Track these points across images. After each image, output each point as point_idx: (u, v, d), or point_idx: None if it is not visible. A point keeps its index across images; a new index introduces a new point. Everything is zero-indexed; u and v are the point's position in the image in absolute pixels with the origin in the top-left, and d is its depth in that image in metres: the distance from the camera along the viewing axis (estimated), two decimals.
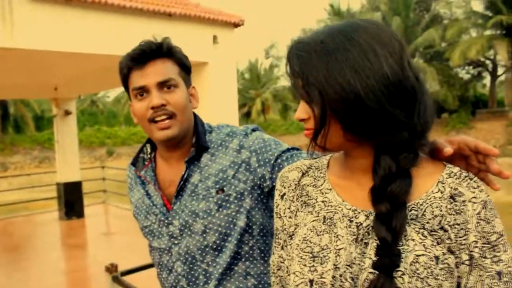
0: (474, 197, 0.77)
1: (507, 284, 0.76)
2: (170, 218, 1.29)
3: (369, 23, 0.80)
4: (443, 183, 0.79)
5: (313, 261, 0.82)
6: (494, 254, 0.77)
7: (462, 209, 0.77)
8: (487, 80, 33.06)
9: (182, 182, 1.28)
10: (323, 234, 0.84)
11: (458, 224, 0.77)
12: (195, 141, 1.30)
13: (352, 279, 0.79)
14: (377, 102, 0.75)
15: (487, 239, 0.77)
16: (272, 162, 1.24)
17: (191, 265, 1.28)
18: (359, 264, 0.79)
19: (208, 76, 6.41)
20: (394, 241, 0.75)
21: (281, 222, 0.95)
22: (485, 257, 0.77)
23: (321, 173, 0.93)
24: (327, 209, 0.86)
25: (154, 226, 1.33)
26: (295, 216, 0.92)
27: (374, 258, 0.77)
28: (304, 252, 0.85)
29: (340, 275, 0.79)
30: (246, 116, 38.49)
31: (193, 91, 1.33)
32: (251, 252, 1.27)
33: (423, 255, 0.75)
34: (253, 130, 1.34)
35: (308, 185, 0.92)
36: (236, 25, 6.55)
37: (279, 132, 33.27)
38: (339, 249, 0.81)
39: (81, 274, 5.88)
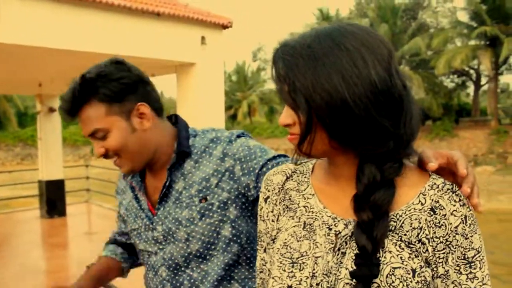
0: (455, 211, 0.76)
1: None
2: (154, 224, 1.29)
3: (357, 28, 0.78)
4: (424, 195, 0.78)
5: (292, 267, 0.82)
6: (470, 271, 0.76)
7: (443, 222, 0.76)
8: (471, 89, 33.63)
9: (164, 190, 1.27)
10: (303, 240, 0.84)
11: (437, 237, 0.76)
12: (176, 146, 1.27)
13: None
14: (365, 110, 0.73)
15: (464, 254, 0.76)
16: (257, 171, 1.21)
17: (175, 271, 1.28)
18: (335, 273, 0.78)
19: (195, 77, 6.39)
20: (374, 250, 0.75)
21: (264, 225, 0.95)
22: (461, 273, 0.76)
23: (305, 177, 0.92)
24: (308, 215, 0.86)
25: (141, 229, 1.33)
26: (277, 220, 0.92)
27: (351, 268, 0.76)
28: (284, 257, 0.84)
29: (317, 284, 0.79)
30: (232, 119, 38.48)
31: (142, 110, 1.22)
32: (236, 258, 1.27)
33: (399, 267, 0.74)
34: (238, 136, 1.30)
35: (291, 189, 0.91)
36: (224, 26, 6.55)
37: (265, 135, 33.29)
38: (317, 257, 0.80)
39: (62, 274, 5.80)
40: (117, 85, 1.19)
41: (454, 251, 0.76)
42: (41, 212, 9.25)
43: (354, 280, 0.75)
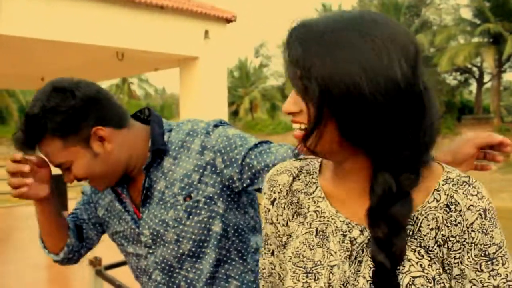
0: (472, 205, 0.71)
1: None
2: (140, 228, 1.24)
3: (386, 20, 0.70)
4: (438, 191, 0.73)
5: (306, 277, 0.78)
6: (492, 268, 0.71)
7: (459, 220, 0.71)
8: (474, 86, 33.55)
9: (144, 191, 1.21)
10: (316, 249, 0.79)
11: (453, 237, 0.71)
12: (150, 145, 1.20)
13: None
14: (383, 108, 0.66)
15: (484, 251, 0.70)
16: (239, 161, 1.15)
17: (170, 273, 1.24)
18: (353, 284, 0.74)
19: (198, 71, 6.35)
20: (393, 267, 0.70)
21: (273, 228, 0.88)
22: (482, 271, 0.71)
23: (313, 178, 0.85)
24: (320, 221, 0.80)
25: (127, 231, 1.28)
26: (287, 225, 0.86)
27: (369, 278, 0.72)
28: (297, 266, 0.79)
29: None
30: (234, 115, 38.46)
31: (99, 133, 1.14)
32: (228, 254, 1.22)
33: (419, 276, 0.70)
34: (216, 126, 1.22)
35: (299, 191, 0.85)
36: (228, 20, 6.51)
37: (266, 131, 33.27)
38: (332, 266, 0.76)
39: (63, 268, 5.76)
40: (65, 117, 1.11)
41: (470, 249, 0.71)
42: None
43: None
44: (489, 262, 0.71)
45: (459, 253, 0.71)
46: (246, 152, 1.15)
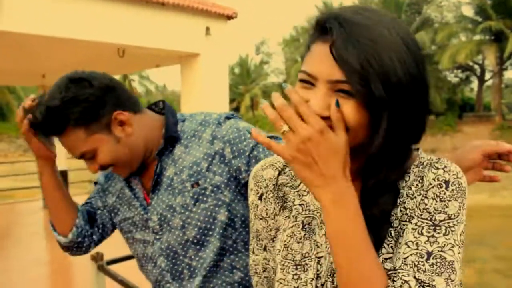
0: (434, 179, 0.72)
1: (433, 267, 0.67)
2: (149, 214, 1.26)
3: (399, 20, 0.73)
4: (408, 173, 0.75)
5: (296, 269, 0.80)
6: (433, 234, 0.70)
7: (416, 194, 0.73)
8: (475, 84, 33.51)
9: (156, 176, 1.24)
10: (303, 241, 0.81)
11: (404, 208, 0.73)
12: (164, 132, 1.25)
13: None
14: (420, 114, 0.72)
15: (432, 217, 0.70)
16: (247, 153, 1.18)
17: (173, 260, 1.26)
18: None
19: (200, 68, 6.35)
20: (377, 249, 0.72)
21: (264, 223, 0.89)
22: (421, 234, 0.70)
23: None
24: (305, 214, 0.82)
25: (136, 218, 1.30)
26: (274, 219, 0.87)
27: None
28: (286, 259, 0.81)
29: (322, 285, 0.77)
30: (234, 112, 38.41)
31: (119, 118, 1.18)
32: (235, 245, 1.24)
33: (390, 258, 0.72)
34: (227, 117, 1.27)
35: (284, 185, 0.86)
36: (229, 17, 6.50)
37: (267, 128, 33.23)
38: (320, 257, 0.78)
39: (65, 264, 5.80)
40: (86, 106, 1.14)
41: (421, 214, 0.71)
42: (44, 202, 9.24)
43: None
44: (431, 227, 0.70)
45: (409, 217, 0.72)
46: (254, 145, 1.19)
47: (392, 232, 0.74)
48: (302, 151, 0.66)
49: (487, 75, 31.40)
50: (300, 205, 0.83)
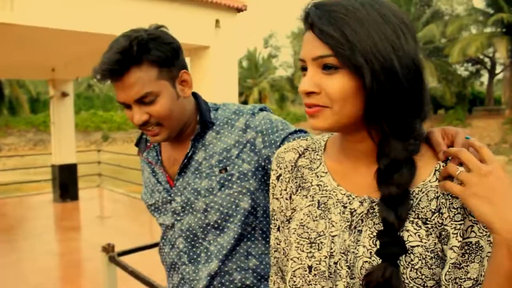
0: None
1: None
2: (172, 195, 1.29)
3: (392, 4, 0.78)
4: (439, 171, 0.77)
5: (311, 247, 0.81)
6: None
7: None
8: (485, 77, 33.16)
9: (186, 160, 1.26)
10: (318, 220, 0.83)
11: (454, 208, 0.74)
12: (199, 118, 1.27)
13: (348, 267, 0.77)
14: (408, 81, 0.73)
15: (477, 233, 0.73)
16: (278, 144, 1.21)
17: (192, 242, 1.28)
18: (353, 252, 0.77)
19: (209, 61, 6.34)
20: (399, 227, 0.73)
21: (278, 203, 0.93)
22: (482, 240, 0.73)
23: (317, 155, 0.90)
24: (322, 194, 0.85)
25: (159, 203, 1.33)
26: (290, 199, 0.90)
27: (369, 246, 0.76)
28: (301, 237, 0.83)
29: (335, 263, 0.78)
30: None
31: (184, 77, 1.22)
32: (253, 232, 1.26)
33: (418, 246, 0.74)
34: (261, 109, 1.30)
35: (303, 167, 0.90)
36: (239, 10, 6.47)
37: None
38: (334, 236, 0.80)
39: (76, 256, 5.86)
40: (168, 48, 1.17)
41: (473, 221, 0.73)
42: (54, 196, 9.34)
43: (372, 258, 0.74)
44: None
45: (460, 224, 0.73)
46: (285, 136, 1.22)
47: (420, 222, 0.75)
48: (483, 187, 0.68)
49: (498, 69, 31.05)
50: (317, 185, 0.86)
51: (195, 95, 1.33)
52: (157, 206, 1.34)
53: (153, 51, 1.14)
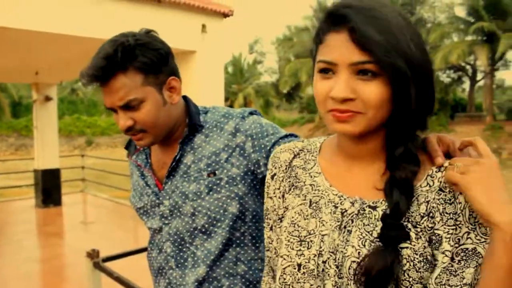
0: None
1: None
2: (161, 198, 1.28)
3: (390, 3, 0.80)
4: (432, 177, 0.78)
5: (300, 245, 0.82)
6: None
7: (452, 200, 0.75)
8: (467, 84, 33.72)
9: (174, 163, 1.25)
10: (309, 219, 0.84)
11: (447, 213, 0.74)
12: (188, 120, 1.27)
13: (337, 266, 0.78)
14: (433, 83, 0.77)
15: (480, 229, 0.74)
16: (268, 148, 1.20)
17: (180, 247, 1.27)
18: (342, 251, 0.78)
19: (195, 65, 6.33)
20: (404, 214, 0.75)
21: (271, 202, 0.94)
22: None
23: (312, 156, 0.91)
24: (314, 193, 0.86)
25: (147, 206, 1.32)
26: (283, 198, 0.92)
27: (357, 247, 0.76)
28: (292, 235, 0.84)
29: (324, 262, 0.79)
30: None
31: (173, 83, 1.21)
32: (242, 238, 1.25)
33: (406, 247, 0.74)
34: (251, 113, 1.29)
35: (298, 167, 0.91)
36: (225, 15, 6.48)
37: None
38: (323, 235, 0.81)
39: (59, 262, 5.76)
40: (155, 54, 1.16)
41: (469, 228, 0.74)
42: (36, 201, 9.18)
43: (361, 258, 0.75)
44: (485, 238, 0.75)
45: (453, 229, 0.74)
46: (276, 140, 1.21)
47: (409, 225, 0.76)
48: (486, 175, 0.70)
49: (479, 76, 31.61)
50: (310, 185, 0.88)
51: (184, 97, 1.32)
52: (146, 209, 1.33)
53: (139, 57, 1.13)
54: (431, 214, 0.75)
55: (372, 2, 0.75)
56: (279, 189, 0.93)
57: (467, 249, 0.73)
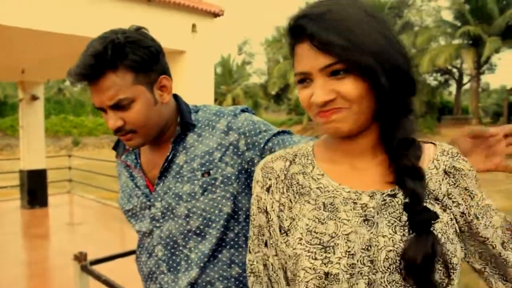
0: (470, 170, 0.84)
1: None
2: (152, 200, 1.24)
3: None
4: (437, 161, 0.83)
5: (325, 252, 0.77)
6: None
7: (460, 179, 0.82)
8: (453, 87, 34.14)
9: (166, 163, 1.22)
10: (327, 222, 0.79)
11: (464, 190, 0.82)
12: (179, 119, 1.23)
13: (371, 262, 0.75)
14: (408, 69, 0.79)
15: (484, 199, 0.84)
16: (262, 145, 1.18)
17: (172, 250, 1.23)
18: (375, 245, 0.76)
19: (185, 66, 6.29)
20: (423, 198, 0.78)
21: (265, 217, 0.88)
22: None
23: (308, 159, 0.88)
24: (325, 195, 0.82)
25: (136, 208, 1.28)
26: (289, 209, 0.85)
27: (389, 235, 0.76)
28: (311, 244, 0.78)
29: (357, 261, 0.75)
30: None
31: (164, 82, 1.18)
32: (236, 239, 1.22)
33: (437, 222, 0.77)
34: (242, 110, 1.26)
35: (297, 174, 0.87)
36: (215, 14, 6.45)
37: None
38: (348, 234, 0.77)
39: (45, 264, 5.67)
40: (146, 52, 1.12)
41: (479, 196, 0.83)
42: (22, 202, 9.04)
43: (396, 246, 0.75)
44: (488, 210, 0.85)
45: (472, 198, 0.82)
46: (269, 137, 1.19)
47: (433, 201, 0.80)
48: None
49: (465, 79, 32.03)
50: (317, 188, 0.84)
51: (175, 96, 1.29)
52: (135, 212, 1.28)
53: (129, 55, 1.09)
54: (450, 196, 0.81)
55: (329, 4, 0.78)
56: (279, 201, 0.86)
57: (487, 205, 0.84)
